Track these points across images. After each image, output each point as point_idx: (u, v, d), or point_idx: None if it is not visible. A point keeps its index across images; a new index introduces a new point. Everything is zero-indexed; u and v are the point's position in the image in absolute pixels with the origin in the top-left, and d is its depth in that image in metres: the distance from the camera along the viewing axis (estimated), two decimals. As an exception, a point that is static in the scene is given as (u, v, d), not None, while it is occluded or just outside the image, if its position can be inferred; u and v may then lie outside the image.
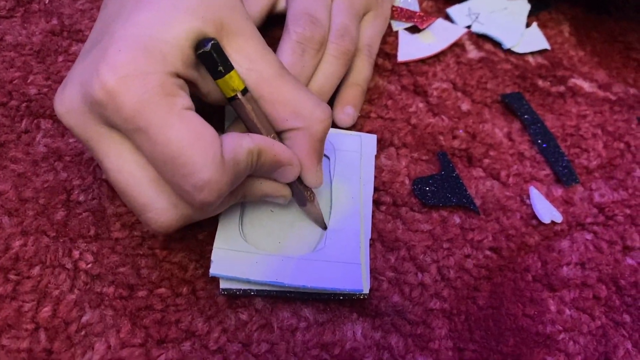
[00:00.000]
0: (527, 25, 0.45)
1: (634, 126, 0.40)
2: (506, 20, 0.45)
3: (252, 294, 0.29)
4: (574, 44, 0.45)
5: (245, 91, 0.26)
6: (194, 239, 0.31)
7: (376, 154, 0.35)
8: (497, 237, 0.33)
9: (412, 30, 0.43)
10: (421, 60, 0.42)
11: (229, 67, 0.25)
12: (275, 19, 0.39)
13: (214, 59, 0.24)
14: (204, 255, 0.30)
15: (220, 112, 0.32)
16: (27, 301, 0.28)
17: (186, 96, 0.24)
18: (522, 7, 0.46)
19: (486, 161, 0.37)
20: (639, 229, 0.35)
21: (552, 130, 0.39)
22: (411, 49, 0.42)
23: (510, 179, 0.36)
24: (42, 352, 0.26)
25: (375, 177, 0.34)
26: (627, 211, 0.35)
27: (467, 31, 0.44)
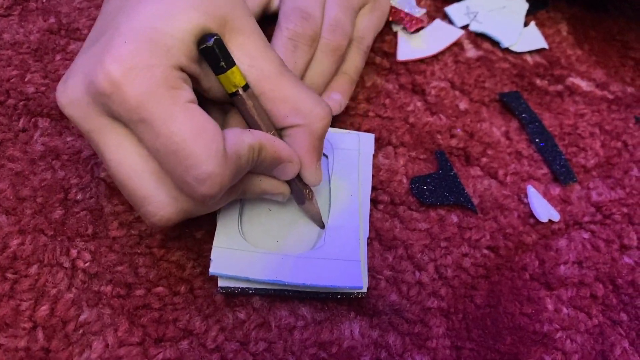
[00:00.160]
0: (525, 24, 0.45)
1: (631, 125, 0.40)
2: (504, 19, 0.45)
3: (250, 292, 0.29)
4: (572, 43, 0.45)
5: (246, 87, 0.26)
6: (191, 237, 0.31)
7: (374, 153, 0.35)
8: (494, 235, 0.33)
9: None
10: (419, 59, 0.42)
11: (230, 63, 0.25)
12: (269, 19, 0.39)
13: (216, 54, 0.24)
14: (201, 254, 0.30)
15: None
16: (24, 300, 0.28)
17: (189, 90, 0.24)
18: (520, 6, 0.46)
19: (484, 160, 0.37)
20: (636, 227, 0.35)
21: (550, 129, 0.39)
22: (410, 49, 0.42)
23: (507, 178, 0.36)
24: (40, 351, 0.26)
25: (373, 176, 0.34)
26: (625, 210, 0.35)
27: (465, 32, 0.44)
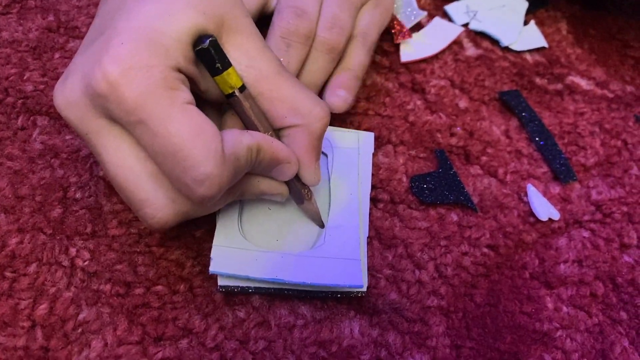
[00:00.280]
0: (525, 22, 0.45)
1: (631, 124, 0.40)
2: (504, 17, 0.45)
3: (249, 291, 0.29)
4: (572, 42, 0.45)
5: (242, 88, 0.26)
6: (190, 236, 0.31)
7: (374, 152, 0.35)
8: (494, 234, 0.33)
9: (412, 29, 0.43)
10: (422, 59, 0.42)
11: (226, 64, 0.25)
12: (267, 19, 0.38)
13: (211, 55, 0.24)
14: (201, 252, 0.30)
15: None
16: (23, 299, 0.28)
17: (187, 91, 0.24)
18: (520, 5, 0.46)
19: (484, 159, 0.37)
20: (636, 226, 0.35)
21: (550, 127, 0.39)
22: (412, 49, 0.42)
23: (507, 177, 0.36)
24: (39, 350, 0.26)
25: (372, 174, 0.34)
26: (624, 209, 0.35)
27: (465, 31, 0.44)
